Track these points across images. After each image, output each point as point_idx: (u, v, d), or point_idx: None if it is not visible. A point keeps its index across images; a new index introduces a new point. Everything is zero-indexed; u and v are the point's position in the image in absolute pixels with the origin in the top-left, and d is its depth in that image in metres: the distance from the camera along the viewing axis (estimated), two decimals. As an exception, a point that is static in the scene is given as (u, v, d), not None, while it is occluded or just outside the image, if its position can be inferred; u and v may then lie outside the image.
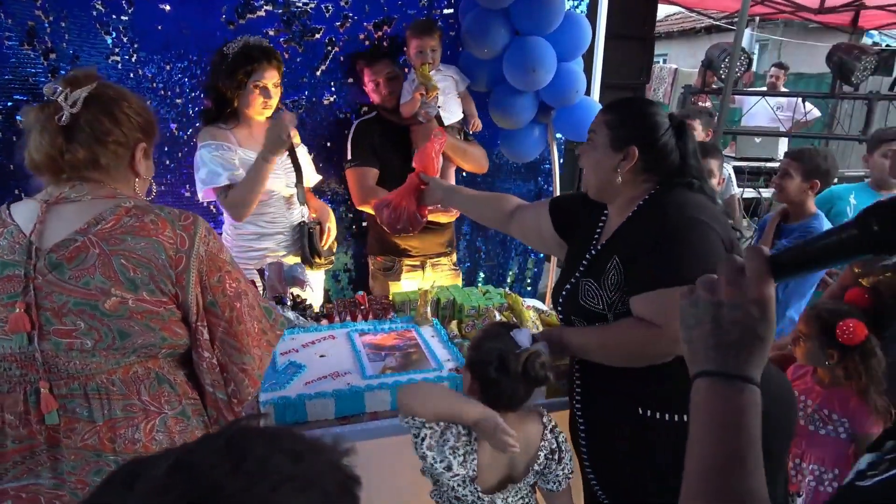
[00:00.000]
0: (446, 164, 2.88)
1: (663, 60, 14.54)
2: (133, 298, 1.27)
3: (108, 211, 1.30)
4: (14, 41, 2.42)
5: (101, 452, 1.29)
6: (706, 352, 0.79)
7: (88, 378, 1.29)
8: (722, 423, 0.75)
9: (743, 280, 0.78)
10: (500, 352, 1.51)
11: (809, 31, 11.67)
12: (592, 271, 1.63)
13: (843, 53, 5.17)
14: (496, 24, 2.74)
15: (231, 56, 2.43)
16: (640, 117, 1.60)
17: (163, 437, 1.34)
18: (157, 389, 1.35)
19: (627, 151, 1.58)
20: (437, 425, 1.52)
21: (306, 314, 2.38)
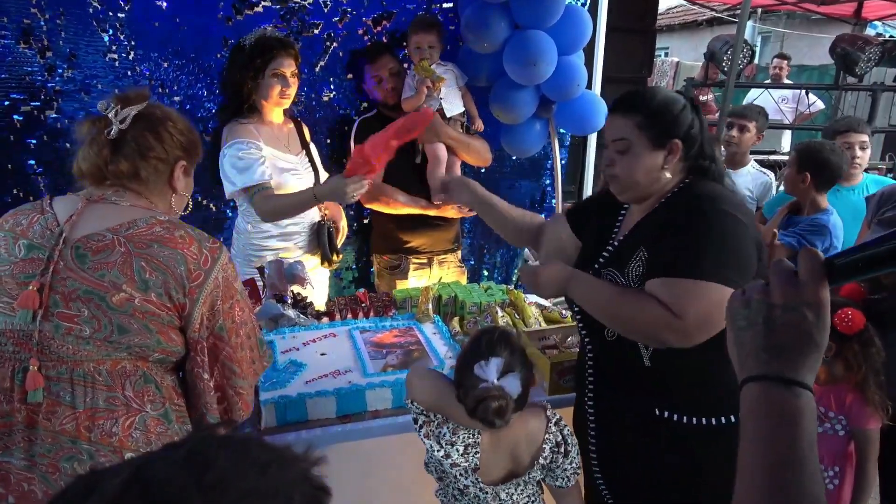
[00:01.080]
0: (451, 158, 2.87)
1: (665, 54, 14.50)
2: (140, 298, 1.32)
3: (142, 219, 1.38)
4: (10, 39, 2.40)
5: (77, 440, 1.32)
6: (758, 354, 0.76)
7: (77, 364, 1.32)
8: (778, 429, 0.72)
9: (798, 282, 0.75)
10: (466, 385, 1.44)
11: (812, 22, 11.62)
12: (615, 262, 1.59)
13: (846, 44, 5.13)
14: (496, 18, 2.71)
15: (248, 46, 2.41)
16: (669, 109, 1.53)
17: (140, 434, 1.36)
18: (142, 387, 1.38)
19: (671, 146, 1.52)
20: (434, 416, 1.54)
21: (307, 312, 2.37)
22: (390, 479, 1.92)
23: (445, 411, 1.54)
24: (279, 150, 2.52)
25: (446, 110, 2.79)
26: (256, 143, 2.42)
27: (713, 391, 1.50)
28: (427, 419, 1.55)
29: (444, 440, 1.51)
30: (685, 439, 1.54)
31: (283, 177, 2.49)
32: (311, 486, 0.57)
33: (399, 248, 2.95)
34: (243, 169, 2.38)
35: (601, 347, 1.63)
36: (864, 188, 3.04)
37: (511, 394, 1.42)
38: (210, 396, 1.44)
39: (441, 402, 1.55)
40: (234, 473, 0.52)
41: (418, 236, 2.93)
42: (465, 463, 1.51)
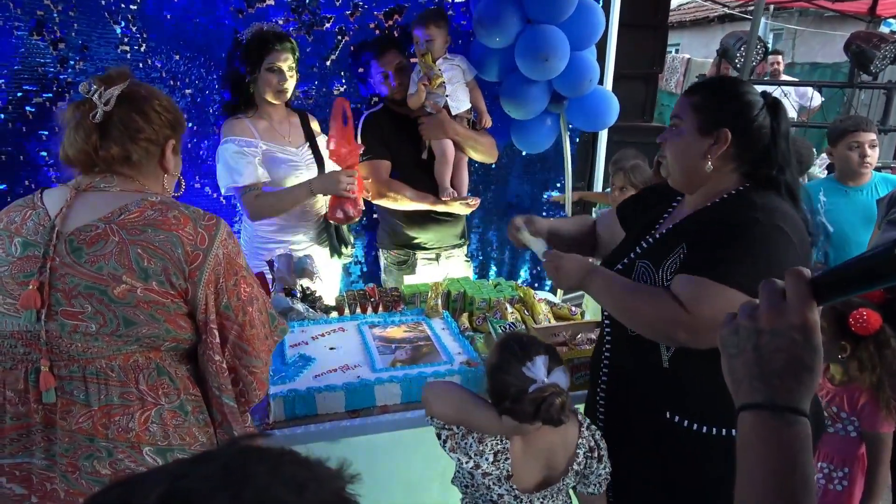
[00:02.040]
0: (458, 155, 2.85)
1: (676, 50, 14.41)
2: (142, 287, 1.29)
3: (133, 203, 1.33)
4: (23, 31, 2.41)
5: (94, 437, 1.30)
6: (750, 382, 0.75)
7: (88, 361, 1.30)
8: (773, 462, 0.71)
9: (784, 305, 0.73)
10: (516, 389, 1.39)
11: (825, 19, 11.51)
12: (653, 254, 1.54)
13: (861, 42, 5.08)
14: (508, 12, 2.70)
15: (245, 41, 2.45)
16: (732, 97, 1.45)
17: (157, 428, 1.34)
18: (156, 380, 1.36)
19: (719, 135, 1.44)
20: (458, 428, 1.50)
21: (316, 306, 2.37)
22: (399, 473, 1.92)
23: (468, 421, 1.50)
24: (277, 143, 2.53)
25: (452, 107, 2.77)
26: (249, 140, 2.45)
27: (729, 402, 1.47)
28: (451, 432, 1.51)
29: (472, 451, 1.47)
30: (693, 447, 1.51)
31: (280, 170, 2.51)
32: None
33: (407, 244, 2.95)
34: (232, 169, 2.42)
35: (621, 342, 1.60)
36: (873, 187, 3.02)
37: (564, 387, 1.40)
38: (224, 378, 1.41)
39: (462, 412, 1.50)
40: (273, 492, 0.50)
41: (426, 232, 2.92)
42: (497, 471, 1.47)
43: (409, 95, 2.74)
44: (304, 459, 0.57)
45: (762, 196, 1.44)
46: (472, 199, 2.88)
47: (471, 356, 2.02)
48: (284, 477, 0.52)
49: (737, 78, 1.58)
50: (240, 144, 2.43)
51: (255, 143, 2.46)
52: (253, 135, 2.47)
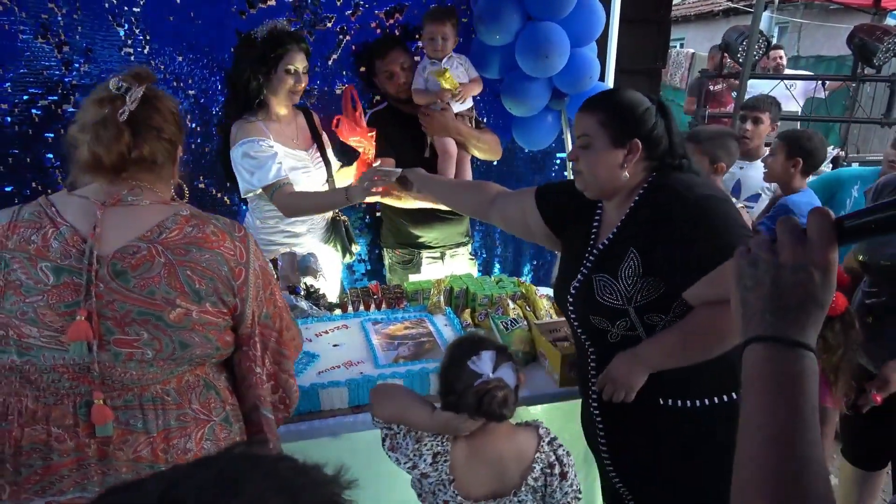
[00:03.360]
0: (461, 153, 2.87)
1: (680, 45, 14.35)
2: (197, 310, 1.26)
3: (169, 219, 1.29)
4: (28, 35, 2.44)
5: (154, 464, 1.27)
6: (763, 315, 0.75)
7: (144, 389, 1.26)
8: (782, 391, 0.71)
9: (805, 242, 0.74)
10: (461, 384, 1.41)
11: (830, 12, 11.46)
12: (605, 266, 1.59)
13: (864, 35, 5.04)
14: (508, 10, 2.71)
15: (260, 40, 2.37)
16: (631, 109, 1.56)
17: (211, 445, 1.33)
18: (206, 397, 1.34)
19: (631, 145, 1.54)
20: (397, 427, 1.50)
21: (319, 304, 2.39)
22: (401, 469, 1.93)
23: (404, 417, 1.50)
24: (288, 146, 2.51)
25: (455, 106, 2.78)
26: (267, 140, 2.42)
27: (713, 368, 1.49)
28: (391, 432, 1.51)
29: (409, 451, 1.47)
30: (692, 423, 1.56)
31: (291, 173, 2.48)
32: None
33: (411, 243, 2.97)
34: (257, 168, 2.38)
35: (604, 351, 1.62)
36: None
37: (510, 384, 1.41)
38: (264, 389, 1.41)
39: (398, 408, 1.51)
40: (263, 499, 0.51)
41: (430, 230, 2.94)
42: (436, 473, 1.46)
43: (414, 90, 2.75)
44: (300, 465, 0.56)
45: (671, 179, 1.55)
46: None
47: (473, 352, 2.03)
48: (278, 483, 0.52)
49: (623, 88, 1.68)
50: (259, 143, 2.38)
51: (271, 142, 2.43)
52: (267, 134, 2.43)
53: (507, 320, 2.25)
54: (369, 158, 2.66)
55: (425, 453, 1.47)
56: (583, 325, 1.66)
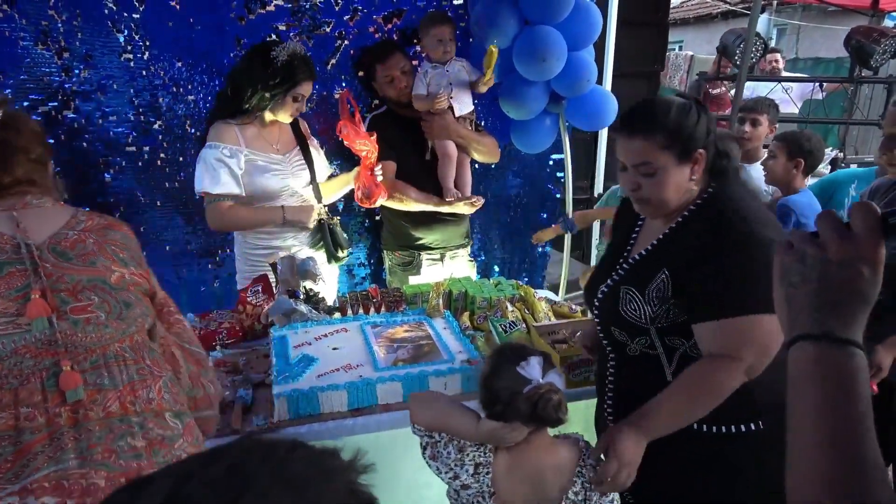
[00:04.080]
0: (462, 156, 2.89)
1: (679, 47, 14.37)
2: (127, 273, 1.43)
3: (78, 213, 1.44)
4: (28, 41, 2.45)
5: (125, 416, 1.36)
6: (811, 312, 0.73)
7: (105, 348, 1.37)
8: (836, 391, 0.69)
9: (852, 238, 0.72)
10: (508, 392, 1.37)
11: (828, 14, 11.48)
12: (635, 279, 1.54)
13: (861, 36, 5.06)
14: (505, 14, 2.72)
15: (279, 65, 2.38)
16: (685, 121, 1.47)
17: (168, 396, 1.44)
18: (154, 356, 1.46)
19: (695, 157, 1.48)
20: (439, 436, 1.47)
21: (319, 307, 2.40)
22: (401, 471, 1.94)
23: (446, 425, 1.47)
24: (263, 151, 2.52)
25: (456, 109, 2.80)
26: (235, 148, 2.44)
27: (729, 401, 1.42)
28: (431, 440, 1.47)
29: (450, 460, 1.44)
30: (706, 448, 1.50)
31: (263, 178, 2.50)
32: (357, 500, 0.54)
33: (411, 245, 2.98)
34: (212, 174, 2.42)
35: (624, 363, 1.59)
36: None
37: (560, 388, 1.37)
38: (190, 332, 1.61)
39: (441, 416, 1.48)
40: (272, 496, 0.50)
41: (430, 232, 2.95)
42: (477, 485, 1.42)
43: (414, 95, 2.77)
44: (313, 453, 0.56)
45: (725, 201, 1.48)
46: (476, 199, 2.91)
47: (471, 355, 2.04)
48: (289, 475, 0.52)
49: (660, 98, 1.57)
50: (224, 152, 2.42)
51: (240, 152, 2.44)
52: (239, 142, 2.45)
53: (505, 323, 2.26)
54: (372, 162, 2.66)
55: (467, 464, 1.44)
56: (605, 332, 1.62)
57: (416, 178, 2.86)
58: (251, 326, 2.37)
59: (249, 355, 2.22)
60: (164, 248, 2.91)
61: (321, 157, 2.78)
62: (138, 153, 2.74)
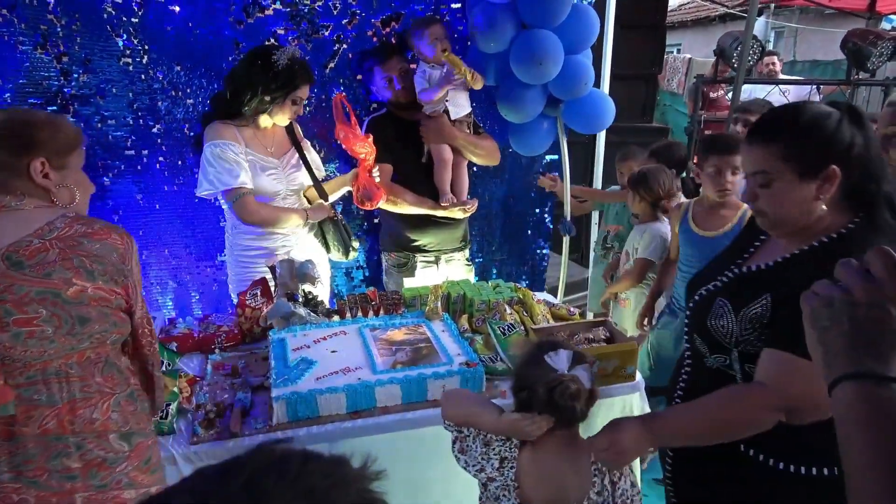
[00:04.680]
0: (458, 159, 2.89)
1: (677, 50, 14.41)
2: (92, 287, 1.37)
3: (58, 220, 1.39)
4: (27, 45, 2.46)
5: (62, 435, 1.34)
6: (847, 353, 0.75)
7: (46, 363, 1.34)
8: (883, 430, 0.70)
9: (875, 280, 0.75)
10: (534, 379, 1.40)
11: (825, 17, 11.50)
12: (734, 295, 1.40)
13: (858, 39, 5.08)
14: (503, 18, 2.73)
15: (280, 69, 2.41)
16: (817, 130, 1.28)
17: (118, 416, 1.42)
18: (109, 372, 1.44)
19: (826, 174, 1.28)
20: (467, 431, 1.50)
21: (318, 310, 2.40)
22: (400, 474, 1.94)
23: (472, 418, 1.50)
24: (259, 152, 2.54)
25: (452, 113, 2.80)
26: (236, 145, 2.45)
27: (807, 438, 1.30)
28: (461, 434, 1.50)
29: (477, 454, 1.47)
30: (766, 481, 1.39)
31: (260, 178, 2.52)
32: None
33: (407, 247, 2.99)
34: (226, 169, 2.42)
35: (700, 373, 1.51)
36: None
37: (585, 385, 1.38)
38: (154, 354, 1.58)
39: (467, 410, 1.52)
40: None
41: (426, 235, 2.96)
42: (501, 478, 1.45)
43: (419, 92, 2.77)
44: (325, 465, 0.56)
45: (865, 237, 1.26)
46: (470, 204, 2.91)
47: (470, 357, 2.05)
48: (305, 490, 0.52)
49: (803, 103, 1.38)
50: (230, 148, 2.44)
51: (240, 147, 2.47)
52: (239, 141, 2.48)
53: (504, 325, 2.26)
54: (369, 164, 2.67)
55: (493, 458, 1.47)
56: (689, 337, 1.53)
57: (412, 180, 2.87)
58: (250, 329, 2.38)
59: (248, 358, 2.22)
60: (162, 251, 2.91)
61: (316, 160, 2.79)
62: (137, 157, 2.75)
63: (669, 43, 8.79)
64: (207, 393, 1.96)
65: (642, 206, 3.00)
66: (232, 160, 2.43)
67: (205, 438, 1.78)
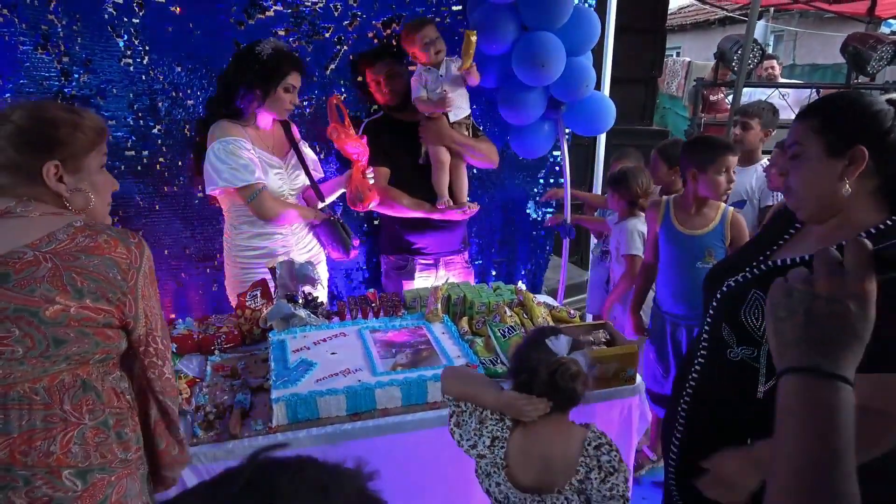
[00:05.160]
0: (457, 161, 2.89)
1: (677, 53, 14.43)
2: (76, 306, 1.27)
3: (61, 230, 1.30)
4: (28, 46, 2.45)
5: (11, 467, 1.24)
6: (798, 345, 0.74)
7: (9, 387, 1.25)
8: (813, 422, 0.70)
9: (842, 272, 0.73)
10: (532, 362, 1.47)
11: (825, 21, 11.54)
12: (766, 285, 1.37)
13: (857, 43, 5.09)
14: (504, 20, 2.73)
15: (265, 59, 2.42)
16: (856, 108, 1.28)
17: (78, 449, 1.31)
18: (81, 398, 1.33)
19: (853, 154, 1.25)
20: (464, 405, 1.56)
21: (318, 312, 2.40)
22: (399, 476, 1.94)
23: (471, 392, 1.57)
24: (265, 151, 2.55)
25: (452, 115, 2.80)
26: (246, 142, 2.46)
27: None
28: (458, 409, 1.57)
29: (471, 429, 1.53)
30: None
31: (269, 177, 2.53)
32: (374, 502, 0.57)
33: (406, 249, 2.98)
34: (238, 167, 2.41)
35: (715, 367, 1.49)
36: None
37: (583, 368, 1.45)
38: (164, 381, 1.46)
39: (467, 384, 1.59)
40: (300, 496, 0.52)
41: (425, 238, 2.95)
42: (492, 455, 1.51)
43: (414, 98, 2.76)
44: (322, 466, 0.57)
45: None
46: (470, 206, 2.91)
47: (470, 359, 2.04)
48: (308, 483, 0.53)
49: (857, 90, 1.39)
50: (241, 144, 2.43)
51: (249, 145, 2.48)
52: (247, 138, 2.48)
53: (504, 328, 2.26)
54: (362, 164, 2.67)
55: (485, 435, 1.52)
56: (713, 328, 1.50)
57: (410, 183, 2.86)
58: (250, 331, 2.37)
59: (248, 360, 2.22)
60: (162, 252, 2.91)
61: (313, 158, 2.80)
62: (137, 157, 2.74)
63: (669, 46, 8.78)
64: (207, 394, 1.96)
65: (621, 204, 3.10)
66: (246, 157, 2.43)
67: (204, 440, 1.78)
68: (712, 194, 2.54)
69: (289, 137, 2.69)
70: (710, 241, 2.53)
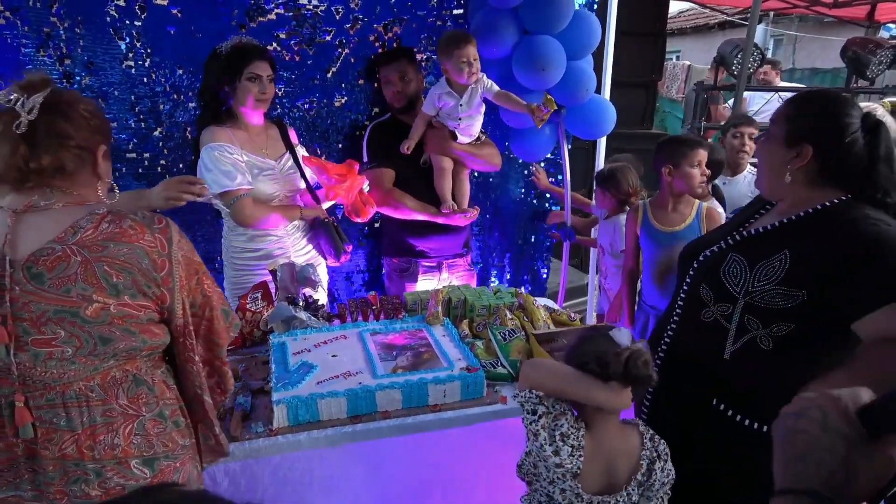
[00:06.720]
0: (459, 167, 2.89)
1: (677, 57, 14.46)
2: (115, 304, 1.27)
3: (84, 219, 1.29)
4: (30, 48, 2.46)
5: (81, 461, 1.29)
6: None
7: (66, 386, 1.28)
8: None
9: None
10: (599, 353, 1.44)
11: (825, 25, 11.56)
12: (747, 250, 1.51)
13: (857, 47, 5.11)
14: (505, 24, 2.74)
15: (224, 53, 2.45)
16: (822, 114, 1.42)
17: (141, 440, 1.35)
18: (135, 392, 1.35)
19: (800, 149, 1.42)
20: (553, 407, 1.49)
21: (318, 314, 2.40)
22: (400, 479, 1.94)
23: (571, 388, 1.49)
24: (255, 154, 2.54)
25: (460, 139, 2.81)
26: (232, 147, 2.46)
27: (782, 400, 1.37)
28: (546, 410, 1.49)
29: (558, 431, 1.46)
30: (736, 439, 1.50)
31: (258, 180, 2.52)
32: None
33: (409, 252, 2.98)
34: (224, 172, 2.42)
35: (689, 326, 1.60)
36: None
37: None
38: (202, 377, 1.46)
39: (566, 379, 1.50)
40: None
41: (427, 241, 2.96)
42: (570, 465, 1.46)
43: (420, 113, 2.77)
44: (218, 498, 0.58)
45: (855, 210, 1.38)
46: (471, 212, 2.92)
47: (471, 363, 2.04)
48: None
49: (841, 95, 1.49)
50: (226, 150, 2.44)
51: (236, 149, 2.47)
52: (233, 142, 2.48)
53: (505, 331, 2.26)
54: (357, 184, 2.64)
55: (569, 443, 1.47)
56: (690, 290, 1.61)
57: (415, 185, 2.87)
58: (250, 333, 2.37)
59: (248, 362, 2.22)
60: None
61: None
62: (138, 160, 2.75)
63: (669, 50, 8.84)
64: (208, 396, 1.95)
65: (611, 202, 3.13)
66: (229, 162, 2.43)
67: (205, 442, 1.78)
68: (687, 188, 2.62)
69: (285, 140, 2.69)
70: (688, 235, 2.57)
